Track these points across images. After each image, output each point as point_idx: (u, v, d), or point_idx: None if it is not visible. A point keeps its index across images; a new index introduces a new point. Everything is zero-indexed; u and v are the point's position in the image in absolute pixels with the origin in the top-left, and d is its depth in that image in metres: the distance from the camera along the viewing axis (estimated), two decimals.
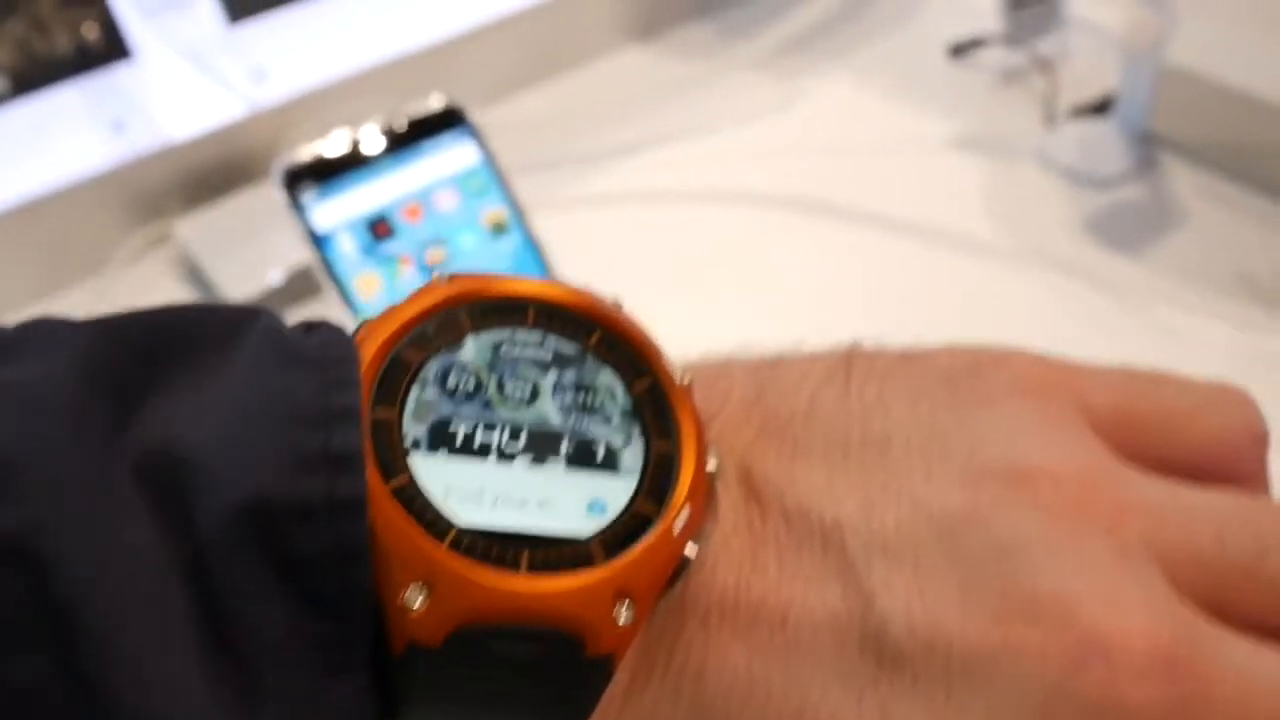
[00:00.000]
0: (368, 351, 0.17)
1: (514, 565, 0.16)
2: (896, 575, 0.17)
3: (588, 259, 0.56)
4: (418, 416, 0.17)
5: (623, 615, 0.16)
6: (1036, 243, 0.65)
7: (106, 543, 0.15)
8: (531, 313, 0.19)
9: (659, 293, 0.63)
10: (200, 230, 0.65)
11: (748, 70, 0.81)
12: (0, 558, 0.14)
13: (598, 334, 0.19)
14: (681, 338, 0.63)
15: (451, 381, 0.17)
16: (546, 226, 0.52)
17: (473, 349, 0.18)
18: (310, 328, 0.18)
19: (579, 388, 0.18)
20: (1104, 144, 0.70)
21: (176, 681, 0.14)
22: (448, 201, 0.50)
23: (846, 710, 0.16)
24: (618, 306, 0.20)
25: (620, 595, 0.16)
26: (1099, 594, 0.16)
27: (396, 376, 0.17)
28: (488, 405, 0.17)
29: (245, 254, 0.63)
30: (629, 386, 0.18)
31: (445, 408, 0.17)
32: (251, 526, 0.15)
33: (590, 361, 0.19)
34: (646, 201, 0.69)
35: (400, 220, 0.49)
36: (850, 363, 0.20)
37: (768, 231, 0.67)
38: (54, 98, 0.63)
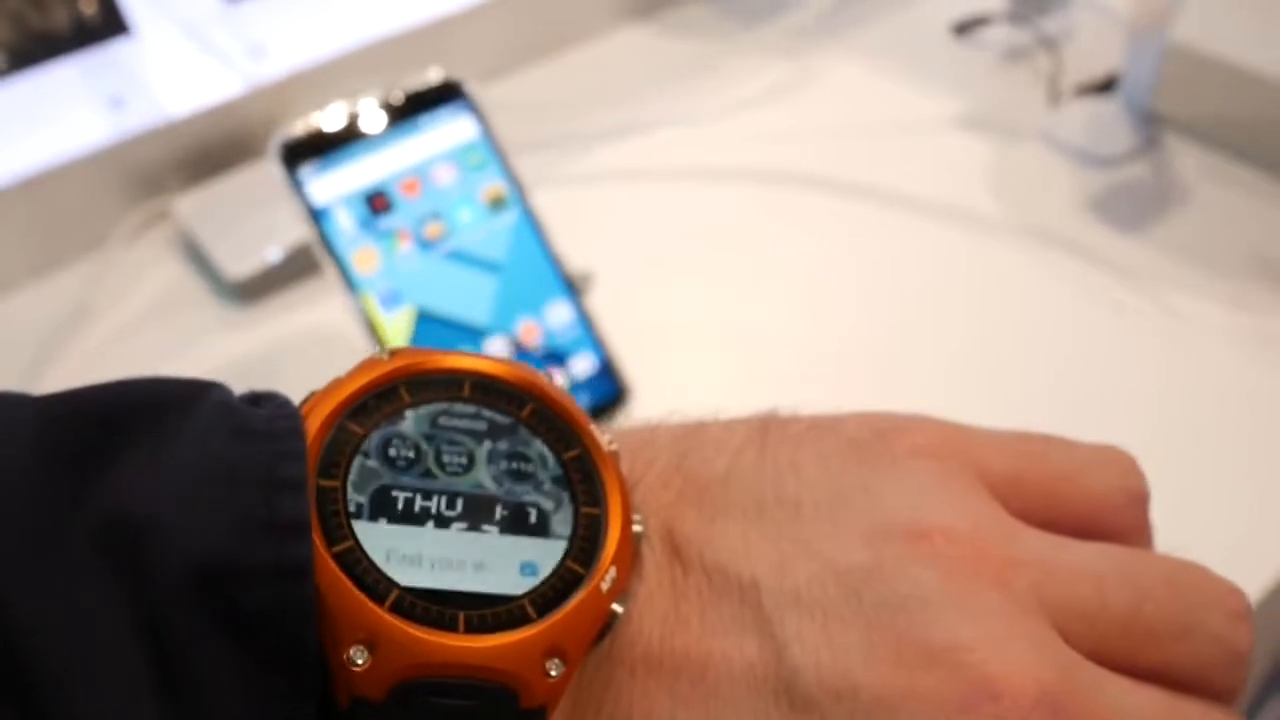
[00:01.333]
0: (313, 424, 0.18)
1: (451, 625, 0.17)
2: (807, 627, 0.18)
3: (586, 236, 0.55)
4: (360, 486, 0.18)
5: (553, 669, 0.18)
6: (1040, 222, 0.64)
7: (63, 606, 0.15)
8: (468, 386, 0.20)
9: (658, 270, 0.62)
10: (199, 207, 0.64)
11: (748, 49, 0.80)
12: None
13: (530, 406, 0.20)
14: (678, 313, 0.63)
15: (392, 452, 0.19)
16: (544, 203, 0.52)
17: (412, 421, 0.19)
18: (259, 399, 0.19)
19: (512, 456, 0.19)
20: (1108, 123, 0.69)
21: None
22: (446, 176, 0.50)
23: None
24: (549, 378, 0.21)
25: (551, 651, 0.18)
26: (989, 641, 0.18)
27: (340, 448, 0.18)
28: (426, 474, 0.19)
29: (244, 231, 0.62)
30: (559, 455, 0.20)
31: (386, 477, 0.18)
32: (203, 588, 0.16)
33: (523, 432, 0.20)
34: (645, 179, 0.69)
35: (398, 195, 0.49)
36: (766, 430, 0.21)
37: (769, 210, 0.66)
38: (51, 74, 0.63)
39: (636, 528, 0.20)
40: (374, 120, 0.49)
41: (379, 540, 0.18)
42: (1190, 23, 0.66)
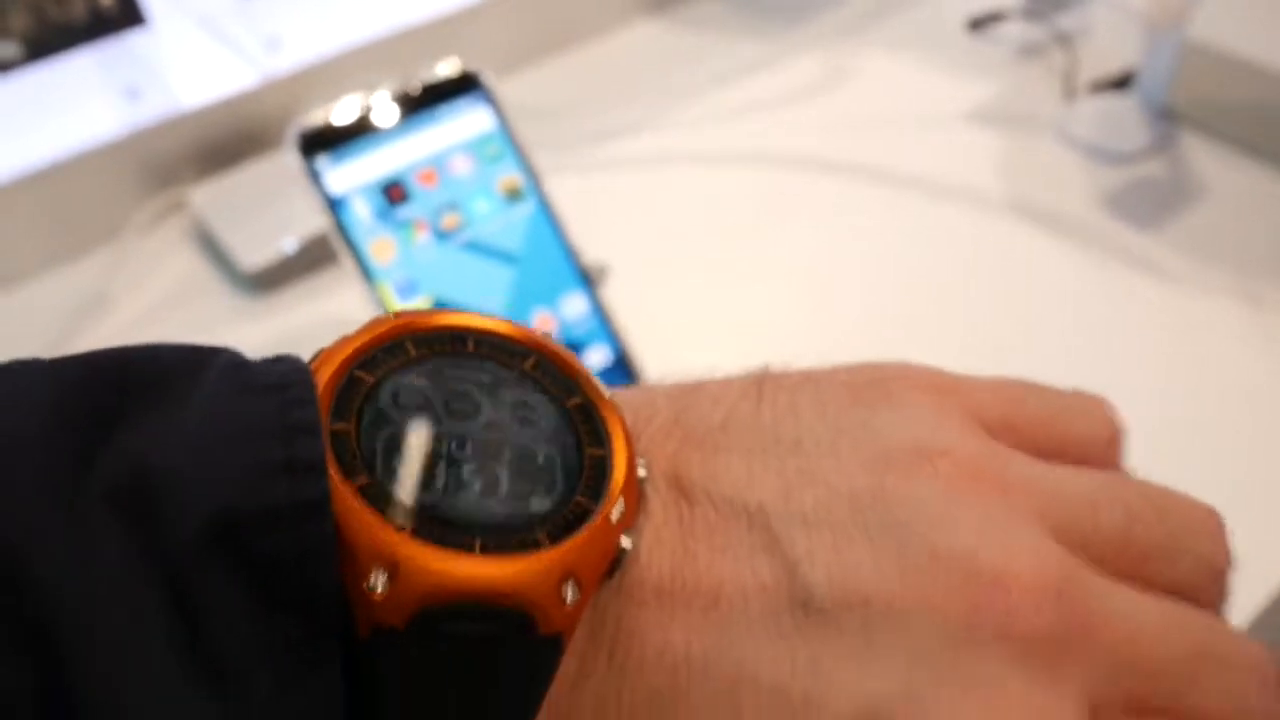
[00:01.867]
0: (324, 374, 0.18)
1: (469, 549, 0.17)
2: (816, 545, 0.19)
3: (601, 227, 0.55)
4: (372, 430, 0.18)
5: (569, 595, 0.18)
6: (1055, 218, 0.64)
7: (81, 562, 0.15)
8: (471, 341, 0.20)
9: (672, 262, 0.62)
10: (214, 198, 0.64)
11: (763, 43, 0.80)
12: None
13: (533, 358, 0.21)
14: (692, 306, 0.63)
15: (403, 399, 0.19)
16: (560, 194, 0.52)
17: (419, 371, 0.19)
18: (272, 362, 0.19)
19: (516, 405, 0.20)
20: (1124, 119, 0.69)
21: (155, 685, 0.15)
22: (462, 167, 0.50)
23: (781, 667, 0.18)
24: (547, 337, 0.21)
25: (566, 576, 0.18)
26: (995, 545, 0.19)
27: (352, 395, 0.18)
28: (436, 420, 0.19)
29: (259, 222, 0.63)
30: (562, 402, 0.20)
31: (397, 423, 0.18)
32: (220, 536, 0.16)
33: (527, 382, 0.20)
34: (659, 171, 0.69)
35: (415, 185, 0.49)
36: (761, 382, 0.22)
37: (783, 204, 0.66)
38: (68, 64, 0.63)
39: (641, 471, 0.20)
40: (391, 111, 0.49)
41: (393, 477, 0.18)
42: (1207, 19, 0.66)
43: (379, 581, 0.17)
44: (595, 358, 0.50)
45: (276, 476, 0.16)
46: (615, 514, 0.19)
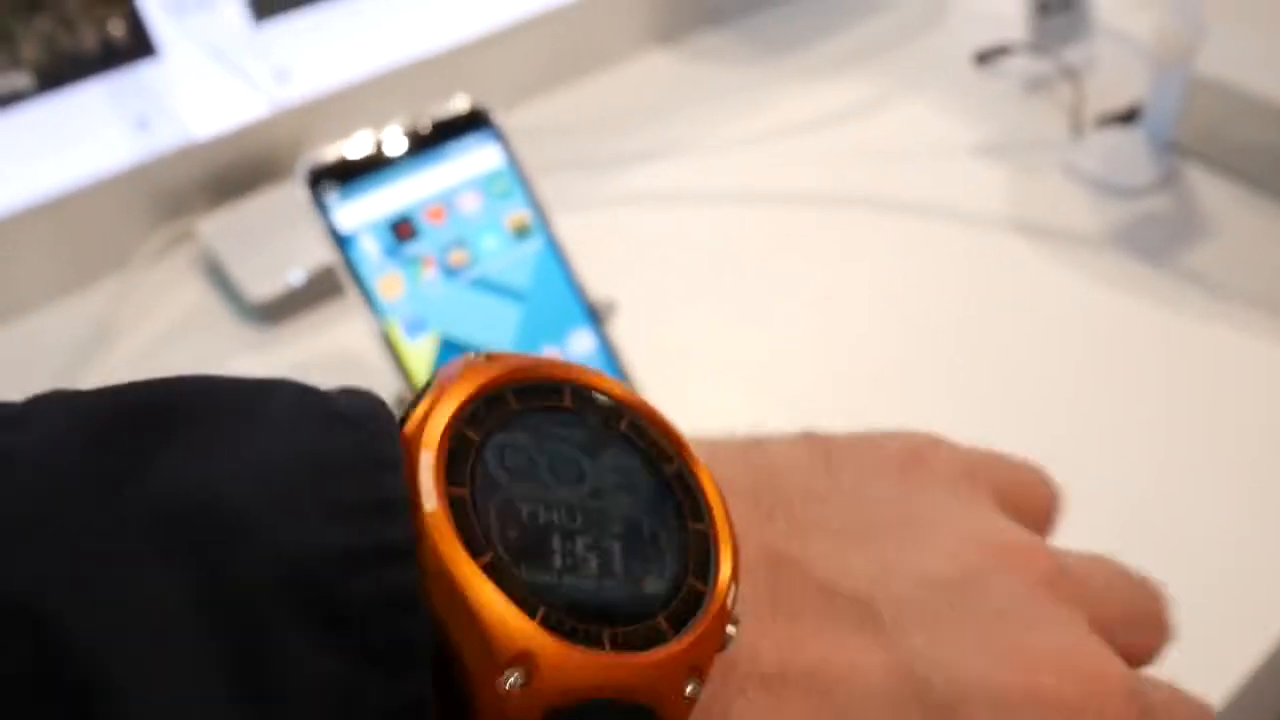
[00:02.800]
0: (434, 429, 0.17)
1: (599, 642, 0.17)
2: (926, 639, 0.20)
3: (609, 262, 0.56)
4: (485, 495, 0.17)
5: (691, 689, 0.17)
6: (1061, 252, 0.64)
7: (121, 595, 0.14)
8: (568, 394, 0.19)
9: (680, 297, 0.62)
10: (223, 229, 0.65)
11: (771, 76, 0.80)
12: (14, 623, 0.13)
13: (626, 418, 0.20)
14: (699, 342, 0.63)
15: (509, 460, 0.18)
16: (566, 229, 0.52)
17: (522, 429, 0.18)
18: (340, 394, 0.18)
19: (616, 469, 0.19)
20: (1131, 154, 0.69)
21: None
22: (471, 204, 0.50)
23: None
24: (640, 395, 0.21)
25: (691, 670, 0.17)
26: (1083, 646, 0.21)
27: (462, 455, 0.17)
28: (544, 485, 0.18)
29: (267, 253, 0.63)
30: (660, 469, 0.19)
31: (507, 487, 0.17)
32: (293, 580, 0.15)
33: (623, 444, 0.19)
34: (669, 204, 0.69)
35: (423, 222, 0.49)
36: (827, 452, 0.23)
37: (791, 238, 0.66)
38: (79, 94, 0.63)
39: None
40: (400, 147, 0.49)
41: (513, 553, 0.17)
42: (1213, 54, 0.66)
43: (515, 676, 0.16)
44: None
45: (357, 516, 0.15)
46: (729, 601, 0.18)
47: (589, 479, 0.18)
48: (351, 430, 0.16)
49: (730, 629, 0.18)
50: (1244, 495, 0.50)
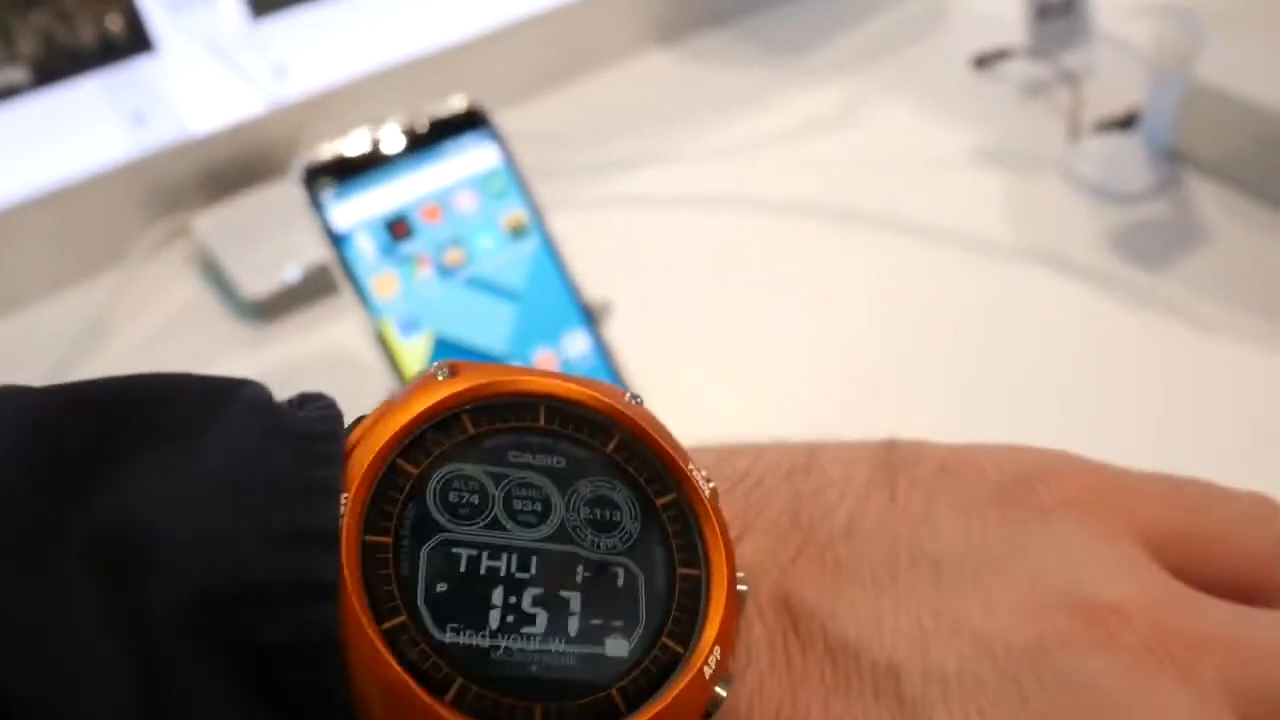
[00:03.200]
0: (360, 461, 0.15)
1: None
2: None
3: (605, 263, 0.55)
4: (415, 542, 0.15)
5: None
6: (1058, 257, 0.64)
7: (49, 632, 0.13)
8: (543, 413, 0.17)
9: (676, 299, 0.62)
10: (218, 225, 0.65)
11: (770, 79, 0.80)
12: None
13: (616, 439, 0.17)
14: (695, 344, 0.63)
15: (454, 497, 0.16)
16: (562, 229, 0.52)
17: (476, 458, 0.16)
18: (304, 401, 0.17)
19: (595, 502, 0.16)
20: (1128, 160, 0.69)
21: None
22: (467, 203, 0.50)
23: None
24: (638, 402, 0.18)
25: None
26: None
27: (391, 493, 0.15)
28: (494, 525, 0.16)
29: (263, 250, 0.63)
30: (650, 501, 0.17)
31: (446, 529, 0.15)
32: (208, 611, 0.14)
33: (608, 471, 0.17)
34: (665, 206, 0.69)
35: (419, 221, 0.49)
36: (893, 470, 0.19)
37: (787, 241, 0.66)
38: (75, 89, 0.63)
39: (741, 587, 0.17)
40: (397, 146, 0.49)
41: (438, 612, 0.15)
42: (1212, 61, 0.66)
43: None
44: None
45: (280, 546, 0.14)
46: (710, 666, 0.15)
47: (556, 516, 0.16)
48: (294, 450, 0.15)
49: (720, 692, 0.16)
50: None
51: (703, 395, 0.56)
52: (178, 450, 0.15)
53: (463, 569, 0.15)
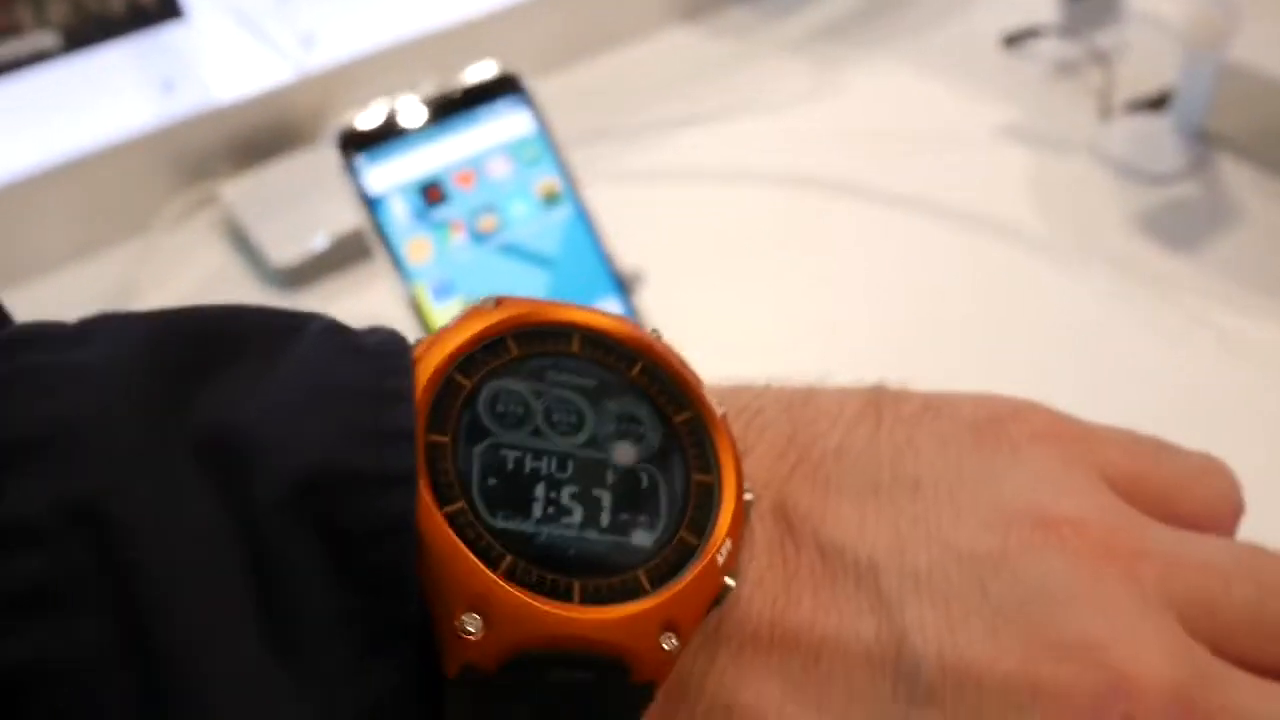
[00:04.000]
0: (421, 374, 0.17)
1: (567, 596, 0.17)
2: (929, 614, 0.18)
3: (635, 233, 0.55)
4: (469, 442, 0.17)
5: (667, 643, 0.17)
6: (1086, 237, 0.64)
7: (168, 513, 0.15)
8: (577, 340, 0.19)
9: (705, 269, 0.62)
10: (246, 193, 0.64)
11: (796, 53, 0.80)
12: (70, 522, 0.15)
13: (640, 364, 0.19)
14: (724, 314, 0.63)
15: (501, 408, 0.18)
16: (594, 199, 0.52)
17: (520, 375, 0.18)
18: (368, 332, 0.18)
19: (621, 417, 0.19)
20: (1159, 140, 0.69)
21: (229, 647, 0.15)
22: (501, 169, 0.50)
23: None
24: (657, 336, 0.20)
25: (667, 625, 0.17)
26: (1121, 637, 0.18)
27: (449, 401, 0.17)
28: (536, 432, 0.18)
29: (290, 218, 0.63)
30: (669, 417, 0.19)
31: (495, 434, 0.18)
32: (304, 496, 0.15)
33: (633, 391, 0.19)
34: (692, 178, 0.69)
35: (453, 186, 0.49)
36: (880, 406, 0.21)
37: (813, 214, 0.66)
38: (105, 56, 0.63)
39: (747, 497, 0.19)
40: (431, 112, 0.49)
41: (490, 501, 0.17)
42: (1247, 42, 0.65)
43: (471, 624, 0.16)
44: None
45: (365, 441, 0.16)
46: (722, 555, 0.18)
47: (588, 427, 0.18)
48: (369, 364, 0.17)
49: (729, 582, 0.18)
50: (1269, 486, 0.50)
51: (731, 364, 0.56)
52: (265, 365, 0.17)
53: (510, 467, 0.17)
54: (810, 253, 0.63)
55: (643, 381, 0.19)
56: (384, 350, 0.17)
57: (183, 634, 0.15)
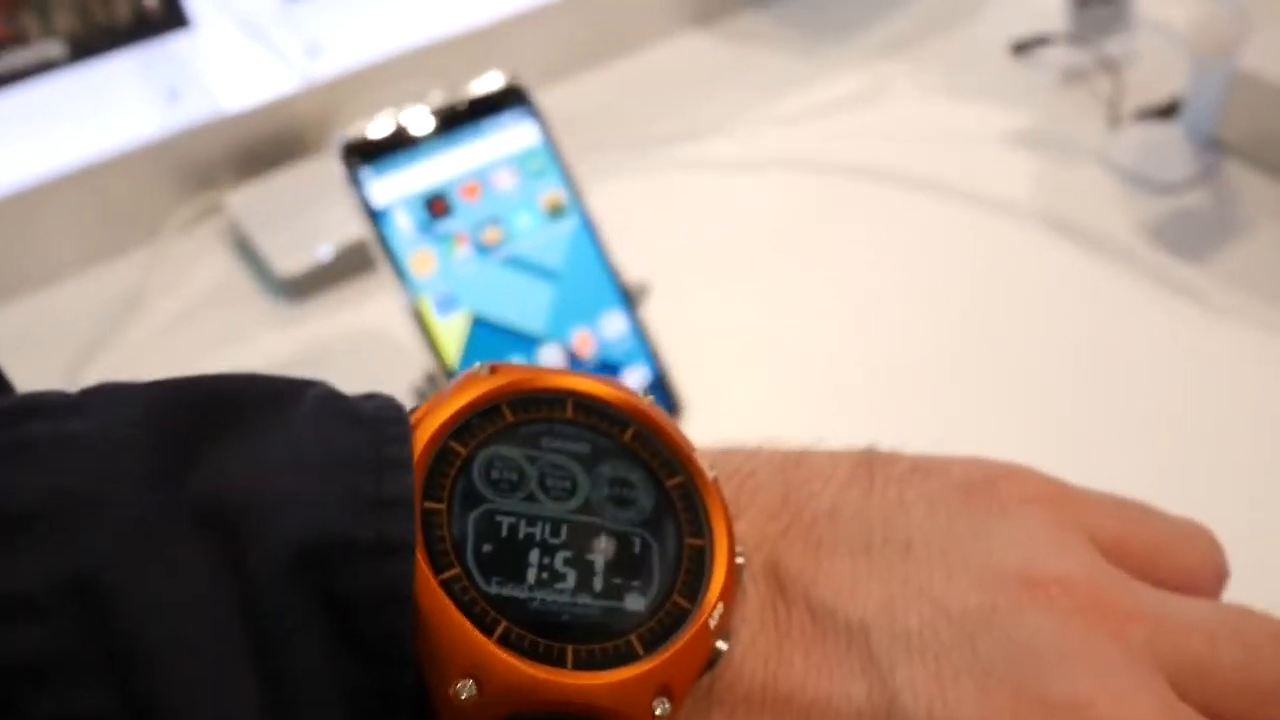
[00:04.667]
0: (417, 441, 0.18)
1: (560, 661, 0.17)
2: (919, 674, 0.18)
3: (642, 244, 0.55)
4: (464, 509, 0.18)
5: (660, 708, 0.17)
6: (1096, 245, 0.63)
7: (167, 583, 0.15)
8: (570, 405, 0.20)
9: (713, 278, 0.62)
10: (251, 202, 0.64)
11: (805, 60, 0.80)
12: (69, 594, 0.15)
13: (632, 429, 0.20)
14: (732, 327, 0.62)
15: (495, 474, 0.18)
16: (600, 210, 0.52)
17: (514, 441, 0.19)
18: (366, 398, 0.19)
19: (614, 481, 0.19)
20: (1168, 148, 0.68)
21: (232, 713, 0.15)
22: (506, 181, 0.49)
23: None
24: (651, 401, 0.21)
25: (660, 690, 0.17)
26: (1108, 695, 0.18)
27: (444, 468, 0.18)
28: (530, 498, 0.18)
29: (295, 228, 0.62)
30: (662, 482, 0.19)
31: (490, 500, 0.18)
32: (303, 563, 0.16)
33: (626, 456, 0.20)
34: (702, 188, 0.68)
35: (458, 199, 0.48)
36: (871, 467, 0.21)
37: (823, 223, 0.66)
38: (111, 65, 0.63)
39: (739, 559, 0.19)
40: (436, 123, 0.49)
41: (484, 568, 0.17)
42: (1258, 50, 0.65)
43: (465, 689, 0.16)
44: (634, 379, 0.50)
45: (365, 510, 0.16)
46: (714, 619, 0.18)
47: (582, 492, 0.19)
48: (369, 431, 0.17)
49: (721, 645, 0.18)
50: (1276, 494, 0.49)
51: (738, 376, 0.55)
52: (264, 434, 0.17)
53: (504, 533, 0.18)
54: (818, 260, 0.63)
55: (635, 446, 0.20)
56: (382, 417, 0.18)
57: (183, 705, 0.15)
